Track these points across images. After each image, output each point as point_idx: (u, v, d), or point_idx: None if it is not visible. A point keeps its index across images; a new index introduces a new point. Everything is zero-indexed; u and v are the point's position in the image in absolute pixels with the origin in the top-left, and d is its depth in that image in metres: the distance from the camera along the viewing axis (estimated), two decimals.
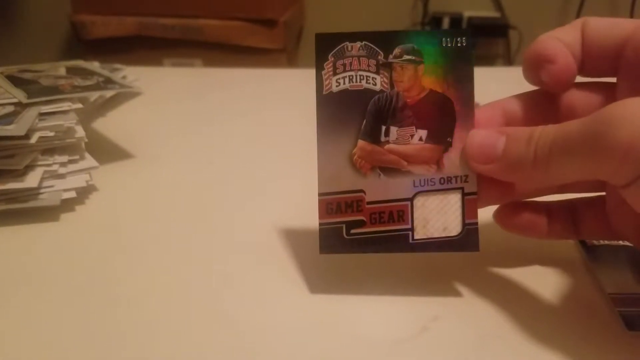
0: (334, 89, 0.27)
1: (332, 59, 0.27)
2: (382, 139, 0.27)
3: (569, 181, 0.26)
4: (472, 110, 0.27)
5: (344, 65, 0.27)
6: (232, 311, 0.27)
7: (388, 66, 0.27)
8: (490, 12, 1.78)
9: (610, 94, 0.27)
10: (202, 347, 0.25)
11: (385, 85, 0.27)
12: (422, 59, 0.27)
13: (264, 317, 0.27)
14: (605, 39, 0.26)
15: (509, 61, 1.81)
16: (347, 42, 0.27)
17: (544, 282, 0.29)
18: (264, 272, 0.30)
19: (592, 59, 0.26)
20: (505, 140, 0.25)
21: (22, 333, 0.26)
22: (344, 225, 0.27)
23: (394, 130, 0.27)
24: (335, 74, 0.27)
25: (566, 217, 0.29)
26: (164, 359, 0.25)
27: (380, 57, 0.27)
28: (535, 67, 0.27)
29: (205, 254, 0.32)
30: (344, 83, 0.27)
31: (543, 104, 0.28)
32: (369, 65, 0.27)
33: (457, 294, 0.28)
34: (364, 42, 0.27)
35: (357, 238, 0.27)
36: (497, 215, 0.29)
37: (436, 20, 1.74)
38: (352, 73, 0.27)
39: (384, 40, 0.27)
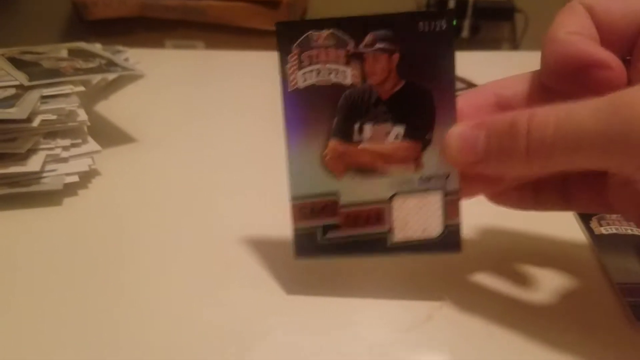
0: (300, 84, 0.25)
1: (297, 50, 0.24)
2: (356, 137, 0.25)
3: (573, 169, 0.23)
4: (454, 103, 0.25)
5: (310, 57, 0.24)
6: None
7: (359, 57, 0.24)
8: None
9: None
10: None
11: (356, 78, 0.25)
12: (397, 47, 0.24)
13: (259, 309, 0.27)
14: (620, 20, 0.24)
15: (514, 45, 1.79)
16: (312, 31, 0.24)
17: (551, 271, 0.29)
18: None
19: (606, 42, 0.25)
20: (485, 135, 0.23)
21: (22, 316, 0.26)
22: (318, 229, 0.26)
23: (368, 127, 0.25)
24: (300, 67, 0.25)
25: (557, 189, 0.28)
26: (159, 344, 0.25)
27: (350, 47, 0.24)
28: (575, 73, 0.24)
29: (199, 241, 0.32)
30: (311, 78, 0.25)
31: (545, 85, 0.25)
32: (337, 57, 0.24)
33: (461, 283, 0.28)
34: (331, 31, 0.24)
35: (333, 242, 0.26)
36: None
37: (442, 3, 1.73)
38: (319, 66, 0.25)
39: (354, 27, 0.24)
